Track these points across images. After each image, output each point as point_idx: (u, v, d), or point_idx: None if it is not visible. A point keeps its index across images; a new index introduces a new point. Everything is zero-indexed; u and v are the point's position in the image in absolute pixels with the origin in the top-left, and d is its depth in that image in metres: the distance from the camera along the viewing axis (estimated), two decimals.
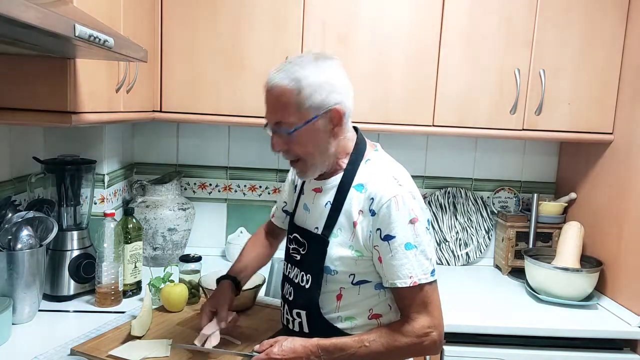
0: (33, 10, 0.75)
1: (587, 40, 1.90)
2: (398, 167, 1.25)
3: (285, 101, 1.15)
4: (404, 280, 1.14)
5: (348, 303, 1.22)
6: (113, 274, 1.63)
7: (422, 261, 1.14)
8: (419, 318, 1.15)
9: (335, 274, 1.21)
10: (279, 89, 1.15)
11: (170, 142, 2.27)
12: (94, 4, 1.30)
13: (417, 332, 1.15)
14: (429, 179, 2.33)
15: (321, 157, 1.21)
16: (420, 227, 1.15)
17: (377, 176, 1.19)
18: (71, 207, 1.72)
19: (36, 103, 1.26)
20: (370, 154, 1.26)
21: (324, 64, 1.16)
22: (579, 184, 2.16)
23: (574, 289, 1.86)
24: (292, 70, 1.14)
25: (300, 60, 1.16)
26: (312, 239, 1.25)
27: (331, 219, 1.21)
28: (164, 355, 1.29)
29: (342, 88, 1.18)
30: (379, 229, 1.15)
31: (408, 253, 1.13)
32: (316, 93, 1.14)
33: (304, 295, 1.25)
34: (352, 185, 1.21)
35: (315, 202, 1.27)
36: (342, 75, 1.19)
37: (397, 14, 1.85)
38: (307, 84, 1.13)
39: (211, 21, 1.84)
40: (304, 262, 1.27)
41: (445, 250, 2.30)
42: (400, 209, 1.13)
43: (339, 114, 1.17)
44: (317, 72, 1.14)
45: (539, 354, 1.69)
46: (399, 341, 1.15)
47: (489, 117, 1.91)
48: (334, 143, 1.20)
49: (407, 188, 1.17)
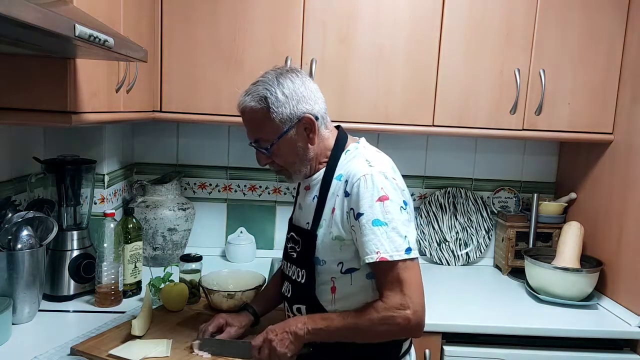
0: (33, 10, 0.75)
1: (587, 40, 1.90)
2: (376, 153, 1.30)
3: (257, 120, 1.25)
4: (371, 256, 1.16)
5: (343, 295, 1.25)
6: (113, 274, 1.63)
7: (393, 238, 1.16)
8: (391, 296, 1.16)
9: (324, 263, 1.26)
10: (249, 110, 1.25)
11: (170, 142, 2.27)
12: (94, 4, 1.30)
13: (388, 308, 1.16)
14: (429, 179, 2.33)
15: (302, 163, 1.29)
16: (392, 205, 1.17)
17: (352, 162, 1.26)
18: (71, 207, 1.72)
19: (36, 103, 1.26)
20: (349, 146, 1.32)
21: (286, 79, 1.25)
22: (579, 184, 2.16)
23: (574, 289, 1.86)
24: (257, 90, 1.24)
25: (264, 80, 1.26)
26: (304, 235, 1.31)
27: (318, 213, 1.27)
28: (164, 355, 1.29)
29: (308, 96, 1.25)
30: (352, 209, 1.20)
31: (375, 229, 1.16)
32: (283, 107, 1.22)
33: (301, 290, 1.30)
34: (334, 177, 1.27)
35: (305, 199, 1.34)
36: (307, 85, 1.27)
37: (397, 14, 1.85)
38: (273, 101, 1.22)
39: (211, 21, 1.84)
40: (299, 259, 1.32)
41: (445, 250, 2.30)
42: (368, 186, 1.18)
43: (311, 121, 1.25)
44: (280, 88, 1.23)
45: (539, 354, 1.69)
46: (371, 314, 1.17)
47: (489, 117, 1.91)
48: (312, 148, 1.28)
49: (378, 168, 1.21)
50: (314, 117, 1.25)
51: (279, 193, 2.31)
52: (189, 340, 1.37)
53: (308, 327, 1.21)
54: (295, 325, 1.22)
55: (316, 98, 1.28)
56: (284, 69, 1.28)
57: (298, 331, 1.21)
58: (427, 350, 1.65)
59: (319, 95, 1.29)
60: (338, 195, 1.24)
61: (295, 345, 1.21)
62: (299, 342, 1.21)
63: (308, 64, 1.85)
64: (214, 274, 1.70)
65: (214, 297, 1.57)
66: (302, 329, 1.21)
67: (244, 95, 1.27)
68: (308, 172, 1.31)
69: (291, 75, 1.26)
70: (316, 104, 1.27)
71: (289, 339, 1.21)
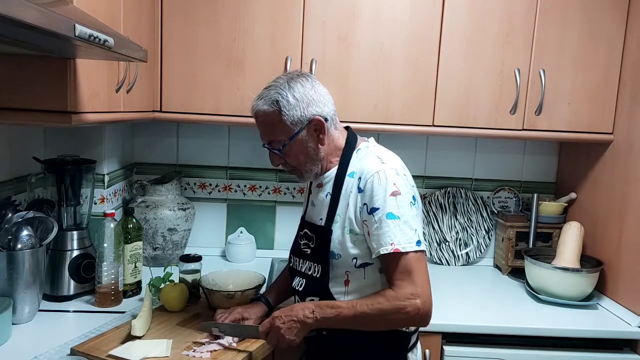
0: (33, 10, 0.75)
1: (587, 40, 1.90)
2: (386, 152, 1.36)
3: (269, 123, 1.32)
4: (385, 247, 1.22)
5: (355, 288, 1.30)
6: (113, 274, 1.63)
7: (405, 231, 1.22)
8: (402, 285, 1.21)
9: (339, 257, 1.31)
10: (262, 114, 1.32)
11: (170, 142, 2.27)
12: (94, 4, 1.30)
13: (399, 297, 1.20)
14: (429, 179, 2.33)
15: (313, 163, 1.35)
16: (403, 200, 1.24)
17: (364, 160, 1.32)
18: (71, 207, 1.72)
19: (36, 103, 1.26)
20: (360, 145, 1.38)
21: (296, 83, 1.31)
22: (579, 184, 2.16)
23: (574, 289, 1.86)
24: (270, 95, 1.31)
25: (276, 84, 1.32)
26: (319, 231, 1.35)
27: (332, 209, 1.33)
28: (164, 355, 1.29)
29: (318, 99, 1.32)
30: (365, 204, 1.26)
31: (389, 222, 1.22)
32: (294, 110, 1.29)
33: (315, 283, 1.35)
34: (347, 174, 1.33)
35: (318, 197, 1.39)
36: (317, 88, 1.34)
37: (397, 14, 1.85)
38: (284, 104, 1.29)
39: (211, 21, 1.84)
40: (314, 254, 1.36)
41: (445, 250, 2.30)
42: (382, 182, 1.24)
43: (321, 122, 1.31)
44: (291, 91, 1.29)
45: (539, 354, 1.69)
46: (382, 304, 1.21)
47: (489, 117, 1.91)
48: (322, 148, 1.34)
49: (390, 165, 1.28)
50: (324, 119, 1.32)
51: (279, 193, 2.31)
52: (189, 340, 1.37)
53: (317, 316, 1.24)
54: (303, 313, 1.25)
55: (325, 101, 1.34)
56: (294, 74, 1.35)
57: (306, 320, 1.25)
58: (427, 350, 1.65)
59: (329, 98, 1.36)
60: (352, 191, 1.30)
61: (302, 333, 1.26)
62: (306, 330, 1.26)
63: (308, 64, 1.85)
64: (214, 274, 1.70)
65: (214, 297, 1.57)
66: (310, 317, 1.24)
67: (256, 99, 1.33)
68: (319, 171, 1.37)
69: (301, 79, 1.32)
70: (325, 106, 1.33)
71: (297, 327, 1.25)
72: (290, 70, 1.82)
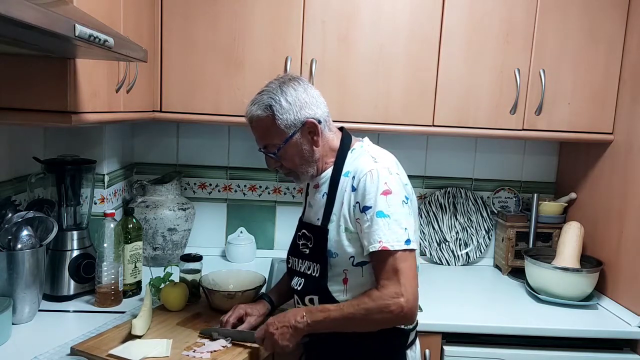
0: (33, 10, 0.75)
1: (587, 40, 1.90)
2: (380, 151, 1.38)
3: (264, 128, 1.34)
4: (374, 245, 1.23)
5: (354, 286, 1.31)
6: (113, 274, 1.63)
7: (394, 229, 1.23)
8: (387, 285, 1.22)
9: (337, 256, 1.32)
10: (256, 119, 1.34)
11: (170, 142, 2.27)
12: (94, 4, 1.30)
13: (383, 296, 1.22)
14: (429, 179, 2.33)
15: (309, 164, 1.37)
16: (394, 199, 1.25)
17: (358, 159, 1.34)
18: (71, 207, 1.72)
19: (36, 103, 1.26)
20: (355, 145, 1.40)
21: (288, 87, 1.33)
22: (579, 184, 2.16)
23: (574, 289, 1.86)
24: (263, 100, 1.32)
25: (268, 89, 1.34)
26: (316, 231, 1.36)
27: (328, 208, 1.34)
28: (164, 355, 1.29)
29: (310, 102, 1.34)
30: (358, 202, 1.27)
31: (379, 220, 1.23)
32: (287, 113, 1.31)
33: (314, 282, 1.36)
34: (342, 174, 1.35)
35: (315, 197, 1.41)
36: (308, 91, 1.35)
37: (397, 14, 1.85)
38: (277, 108, 1.30)
39: (211, 21, 1.84)
40: (312, 254, 1.38)
41: (445, 250, 2.30)
42: (374, 181, 1.26)
43: (314, 125, 1.33)
44: (284, 96, 1.31)
45: (539, 354, 1.69)
46: (367, 304, 1.23)
47: (488, 117, 1.91)
48: (317, 149, 1.36)
49: (382, 164, 1.29)
50: (317, 121, 1.33)
51: (279, 193, 2.31)
52: (189, 341, 1.37)
53: (307, 320, 1.26)
54: (294, 319, 1.28)
55: (318, 103, 1.35)
56: (286, 78, 1.36)
57: (297, 325, 1.27)
58: (427, 350, 1.65)
59: (321, 100, 1.37)
60: (346, 190, 1.32)
61: (295, 337, 1.28)
62: (299, 334, 1.28)
63: (308, 64, 1.85)
64: (214, 274, 1.70)
65: (214, 297, 1.57)
66: (301, 322, 1.27)
67: (250, 105, 1.35)
68: (315, 173, 1.38)
69: (293, 83, 1.34)
70: (318, 108, 1.35)
71: (289, 332, 1.27)
72: (289, 71, 1.82)
